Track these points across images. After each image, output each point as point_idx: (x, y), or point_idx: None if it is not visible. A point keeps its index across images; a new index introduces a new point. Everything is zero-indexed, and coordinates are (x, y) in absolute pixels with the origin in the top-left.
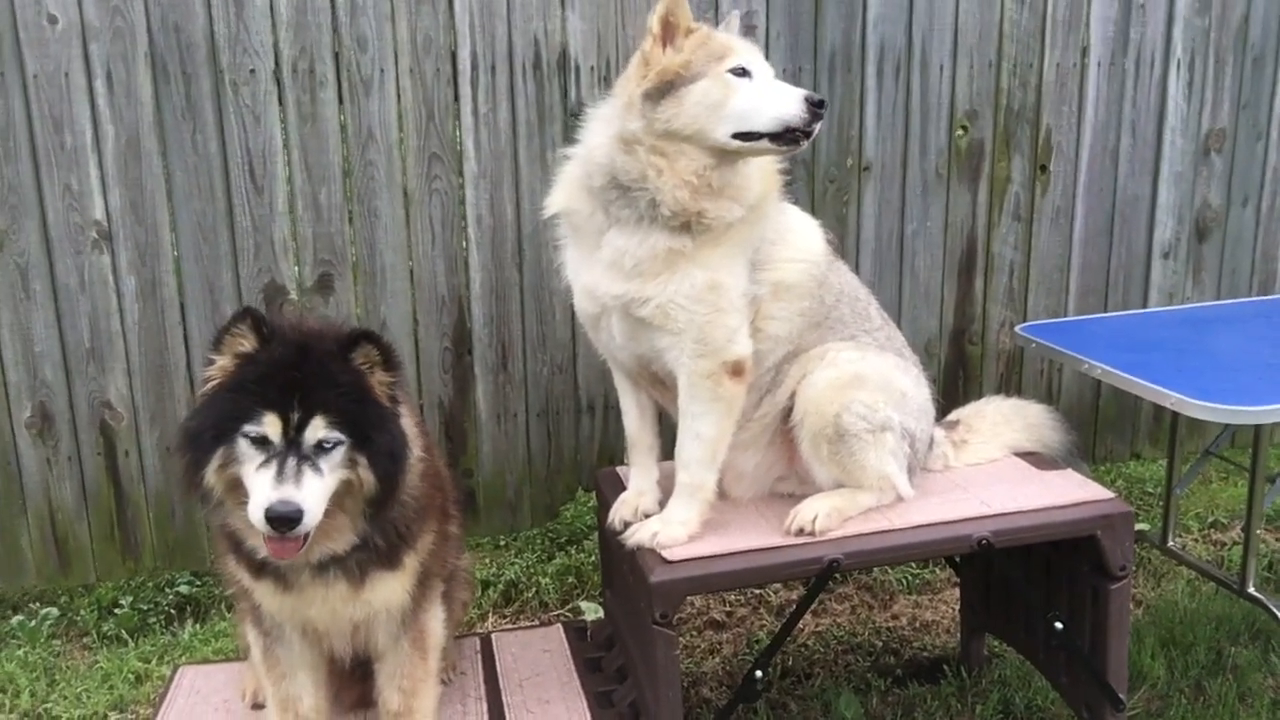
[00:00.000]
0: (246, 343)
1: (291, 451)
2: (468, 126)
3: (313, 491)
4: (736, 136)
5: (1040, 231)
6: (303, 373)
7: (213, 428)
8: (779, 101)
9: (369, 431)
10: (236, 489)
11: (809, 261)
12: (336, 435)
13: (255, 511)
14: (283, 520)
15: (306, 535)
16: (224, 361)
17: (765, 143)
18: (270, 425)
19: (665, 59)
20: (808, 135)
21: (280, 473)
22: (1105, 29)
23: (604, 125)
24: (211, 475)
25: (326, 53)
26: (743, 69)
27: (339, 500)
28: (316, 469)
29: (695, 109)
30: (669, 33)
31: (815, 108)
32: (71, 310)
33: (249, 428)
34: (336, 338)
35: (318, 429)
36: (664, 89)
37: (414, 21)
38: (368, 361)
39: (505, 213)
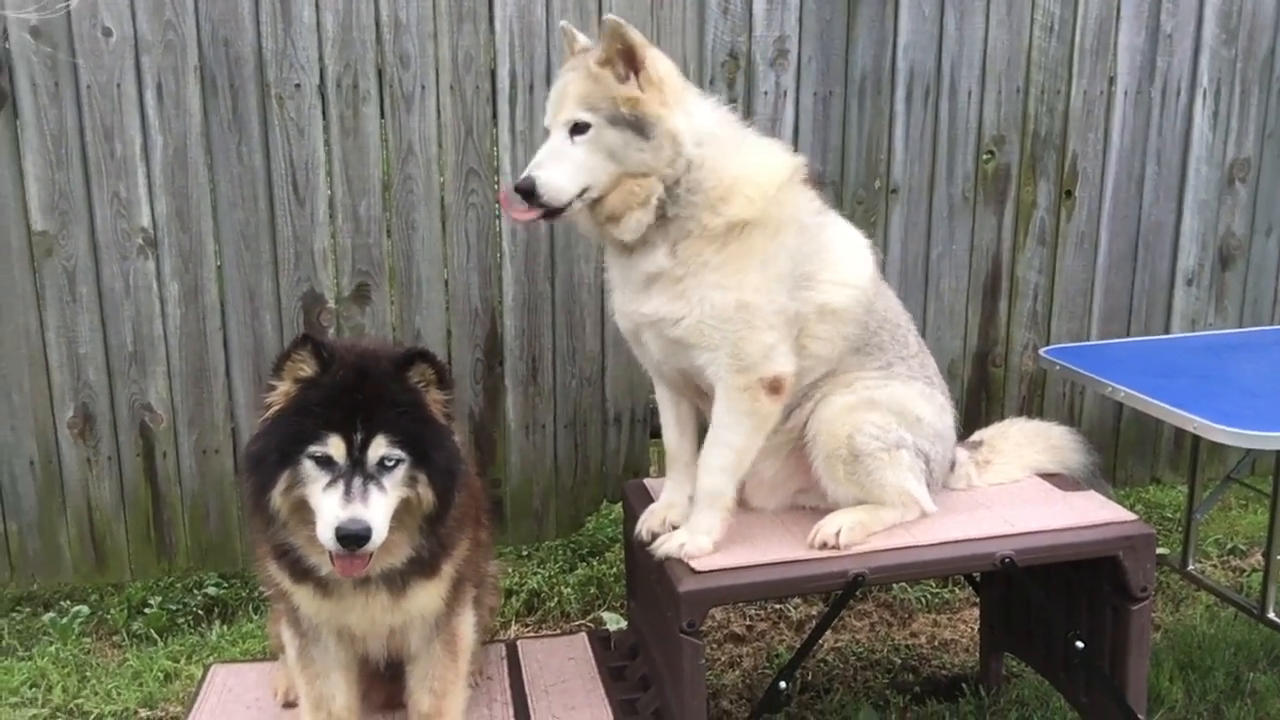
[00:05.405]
0: (307, 368)
1: (356, 471)
2: (505, 143)
3: (379, 509)
4: None
5: (1065, 256)
6: (363, 394)
7: (277, 450)
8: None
9: (428, 449)
10: (300, 510)
11: (857, 288)
12: (398, 453)
13: (325, 531)
14: (353, 538)
15: (372, 551)
16: (285, 386)
17: None
18: (334, 446)
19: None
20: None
21: (348, 492)
22: (1133, 58)
23: None
24: (278, 497)
25: (370, 68)
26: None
27: (398, 517)
28: (380, 487)
29: None
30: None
31: (522, 192)
32: (116, 314)
33: (314, 449)
34: (392, 358)
35: (380, 447)
36: None
37: (455, 40)
38: (423, 380)
39: (539, 228)
